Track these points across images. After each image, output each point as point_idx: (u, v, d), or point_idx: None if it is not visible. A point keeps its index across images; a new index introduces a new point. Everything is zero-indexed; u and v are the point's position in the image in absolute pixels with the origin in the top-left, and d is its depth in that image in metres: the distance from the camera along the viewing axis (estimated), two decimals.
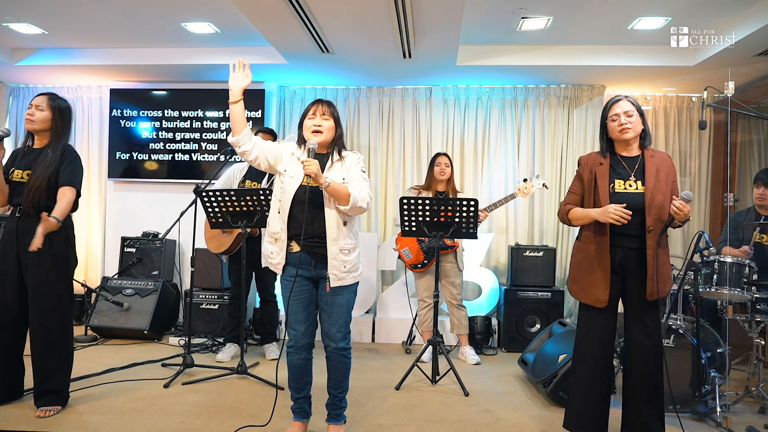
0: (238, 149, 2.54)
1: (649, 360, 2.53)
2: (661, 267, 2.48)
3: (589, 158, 2.66)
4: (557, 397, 3.19)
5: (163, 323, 4.83)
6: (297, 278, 2.53)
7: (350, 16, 3.75)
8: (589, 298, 2.54)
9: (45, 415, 2.85)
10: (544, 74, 5.01)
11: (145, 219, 5.49)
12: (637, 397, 2.55)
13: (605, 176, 2.54)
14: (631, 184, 2.51)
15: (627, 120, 2.50)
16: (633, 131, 2.52)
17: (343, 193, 2.44)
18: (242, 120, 2.53)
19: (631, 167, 2.55)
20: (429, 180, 4.34)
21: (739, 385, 3.52)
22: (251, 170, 4.14)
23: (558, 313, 4.61)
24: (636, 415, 2.56)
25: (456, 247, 4.23)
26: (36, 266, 2.84)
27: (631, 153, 2.57)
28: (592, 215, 2.50)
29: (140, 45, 4.91)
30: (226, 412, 3.02)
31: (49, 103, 2.91)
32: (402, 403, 3.26)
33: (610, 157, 2.59)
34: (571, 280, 2.66)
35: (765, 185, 3.68)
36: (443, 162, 4.27)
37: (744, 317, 3.30)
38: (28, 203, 2.81)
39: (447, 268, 4.25)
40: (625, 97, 2.56)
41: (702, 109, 3.32)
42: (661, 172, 2.50)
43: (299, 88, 5.53)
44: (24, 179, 2.85)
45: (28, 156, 2.91)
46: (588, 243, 2.57)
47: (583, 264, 2.58)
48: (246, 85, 2.54)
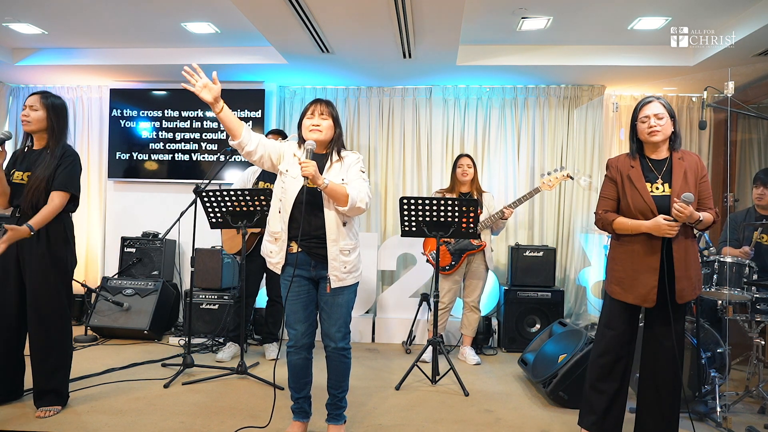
0: (242, 151, 2.53)
1: (670, 363, 2.51)
2: (690, 269, 2.47)
3: (618, 161, 2.62)
4: (557, 397, 3.19)
5: (163, 323, 4.83)
6: (297, 278, 2.53)
7: (350, 16, 3.75)
8: (638, 299, 2.48)
9: (45, 415, 2.85)
10: (544, 74, 5.01)
11: (145, 219, 5.50)
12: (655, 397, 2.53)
13: (641, 179, 2.50)
14: (658, 187, 2.49)
15: (657, 122, 2.47)
16: (662, 134, 2.49)
17: (341, 193, 2.44)
18: (236, 123, 2.50)
19: (658, 170, 2.52)
20: (452, 182, 4.34)
21: (739, 385, 3.52)
22: (265, 171, 4.13)
23: (558, 313, 4.61)
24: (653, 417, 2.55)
25: (483, 247, 4.20)
26: (35, 267, 2.83)
27: (660, 155, 2.55)
28: (643, 228, 2.45)
29: (140, 45, 4.91)
30: (226, 412, 3.02)
31: (42, 101, 2.88)
32: (402, 403, 3.26)
33: (639, 159, 2.56)
34: (614, 281, 2.56)
35: (764, 185, 3.68)
36: (465, 163, 4.26)
37: (744, 317, 3.30)
38: (27, 204, 2.80)
39: (474, 268, 4.24)
40: (657, 99, 2.52)
41: (702, 109, 3.33)
42: (689, 174, 2.48)
43: (299, 88, 5.54)
44: (24, 181, 2.84)
45: (29, 157, 2.90)
46: (632, 243, 2.51)
47: (627, 264, 2.52)
48: (218, 92, 2.44)
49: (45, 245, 2.82)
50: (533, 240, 5.27)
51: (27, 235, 2.70)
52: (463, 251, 4.19)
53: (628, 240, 2.53)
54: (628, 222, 2.51)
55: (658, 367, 2.54)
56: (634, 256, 2.50)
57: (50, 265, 2.85)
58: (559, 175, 4.19)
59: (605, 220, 2.60)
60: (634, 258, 2.50)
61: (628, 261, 2.52)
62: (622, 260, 2.55)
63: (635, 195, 2.50)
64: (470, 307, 4.27)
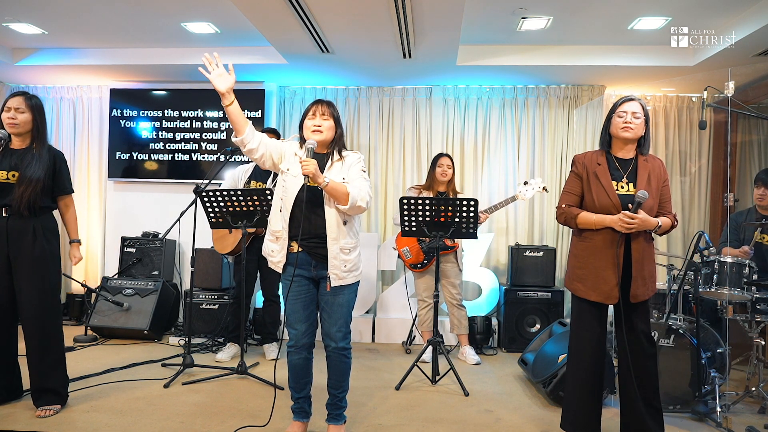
0: (243, 148, 2.54)
1: (640, 360, 2.54)
2: (645, 269, 2.51)
3: (585, 157, 2.65)
4: (557, 397, 3.19)
5: (163, 323, 4.83)
6: (297, 278, 2.53)
7: (350, 16, 3.74)
8: (600, 296, 2.51)
9: (45, 414, 2.85)
10: (544, 74, 5.01)
11: (145, 219, 5.50)
12: (634, 396, 2.55)
13: (606, 175, 2.54)
14: (623, 186, 2.53)
15: (632, 119, 2.51)
16: (634, 133, 2.52)
17: (341, 192, 2.44)
18: (242, 119, 2.52)
19: (624, 169, 2.57)
20: (430, 180, 4.32)
21: (739, 385, 3.52)
22: (256, 170, 4.14)
23: (558, 313, 4.61)
24: (634, 415, 2.57)
25: (456, 248, 4.23)
26: (27, 265, 2.85)
27: (626, 155, 2.59)
28: (607, 222, 2.47)
29: (140, 45, 4.91)
30: (226, 412, 3.02)
31: (27, 103, 2.91)
32: (402, 403, 3.26)
33: (606, 157, 2.60)
34: (576, 278, 2.59)
35: (765, 186, 3.67)
36: (445, 163, 4.26)
37: (744, 317, 3.30)
38: (23, 204, 2.81)
39: (447, 268, 4.24)
40: (638, 100, 2.56)
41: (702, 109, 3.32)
42: (652, 176, 2.53)
43: (299, 88, 5.54)
44: (10, 180, 2.83)
45: (10, 156, 2.88)
46: (593, 239, 2.54)
47: (589, 261, 2.54)
48: (233, 84, 2.49)
49: (40, 242, 2.85)
50: (533, 240, 5.27)
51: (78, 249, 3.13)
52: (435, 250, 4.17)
53: (588, 236, 2.56)
54: (592, 216, 2.53)
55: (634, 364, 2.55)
56: (595, 252, 2.53)
57: (44, 261, 2.88)
58: (535, 186, 4.18)
59: (569, 214, 2.61)
60: (596, 254, 2.52)
61: (588, 257, 2.55)
62: (583, 257, 2.57)
63: (600, 191, 2.53)
64: (454, 305, 4.27)
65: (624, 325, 2.54)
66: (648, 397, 2.54)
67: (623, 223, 2.41)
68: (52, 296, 2.92)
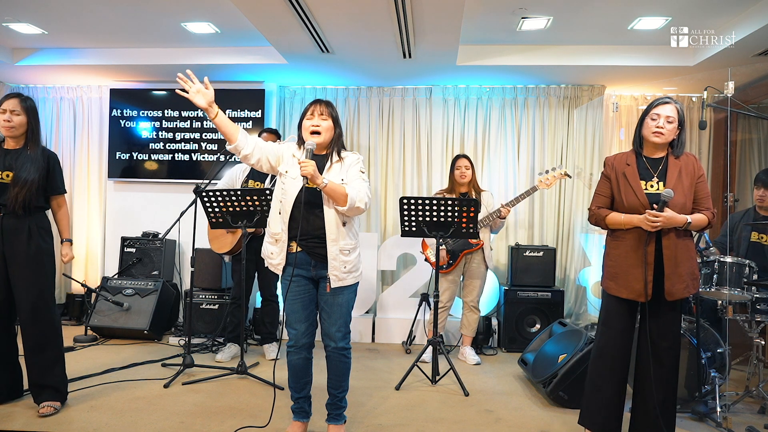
0: (238, 155, 2.53)
1: (664, 362, 2.52)
2: (680, 266, 2.48)
3: (615, 159, 2.65)
4: (557, 397, 3.19)
5: (163, 323, 4.83)
6: (297, 278, 2.53)
7: (350, 16, 3.74)
8: (631, 293, 2.50)
9: (47, 411, 2.86)
10: (544, 74, 5.01)
11: (145, 219, 5.50)
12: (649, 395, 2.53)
13: (635, 177, 2.53)
14: (653, 185, 2.52)
15: (665, 125, 2.49)
16: (664, 138, 2.50)
17: (340, 193, 2.44)
18: (231, 127, 2.49)
19: (654, 168, 2.55)
20: (451, 183, 4.33)
21: (739, 385, 3.52)
22: (254, 170, 4.14)
23: (558, 313, 4.61)
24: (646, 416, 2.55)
25: (481, 245, 4.20)
26: (22, 263, 2.87)
27: (657, 155, 2.57)
28: (635, 222, 2.48)
29: (140, 45, 4.91)
30: (226, 412, 3.02)
31: (22, 105, 2.93)
32: (402, 403, 3.26)
33: (636, 157, 2.59)
34: (609, 277, 2.59)
35: (765, 187, 3.67)
36: (463, 165, 4.25)
37: (744, 317, 3.30)
38: (18, 204, 2.84)
39: (473, 267, 4.24)
40: (675, 103, 2.53)
41: (702, 109, 3.33)
42: (684, 173, 2.50)
43: (299, 88, 5.53)
44: (5, 180, 2.86)
45: (4, 157, 2.91)
46: (624, 238, 2.54)
47: (621, 260, 2.54)
48: (212, 97, 2.44)
49: (34, 240, 2.89)
50: (533, 240, 5.27)
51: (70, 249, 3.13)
52: (460, 250, 4.19)
53: (620, 235, 2.57)
54: (620, 216, 2.55)
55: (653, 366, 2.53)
56: (626, 250, 2.53)
57: (39, 258, 2.91)
58: (556, 173, 4.20)
59: (599, 216, 2.64)
60: (627, 252, 2.53)
61: (620, 256, 2.55)
62: (615, 255, 2.58)
63: (629, 192, 2.53)
64: (470, 307, 4.27)
65: (652, 325, 2.53)
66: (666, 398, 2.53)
67: (648, 221, 2.41)
68: (48, 293, 2.96)
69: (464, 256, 4.22)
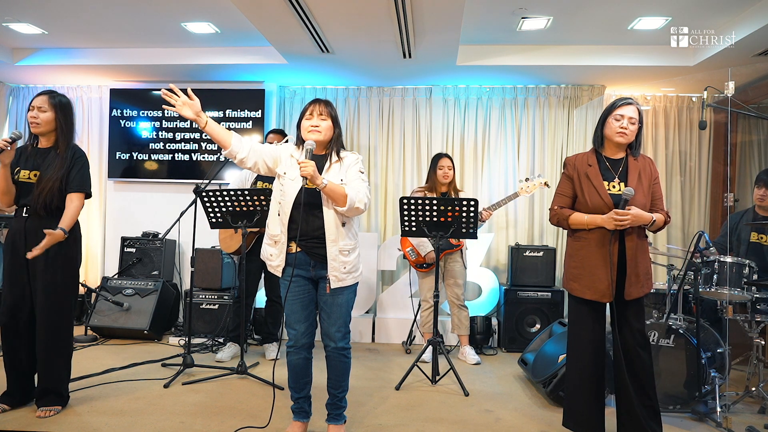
0: (234, 160, 2.52)
1: (636, 358, 2.54)
2: (639, 266, 2.52)
3: (576, 159, 2.68)
4: (557, 397, 3.19)
5: (163, 323, 4.83)
6: (296, 278, 2.53)
7: (350, 16, 3.75)
8: (595, 294, 2.53)
9: (45, 415, 2.84)
10: (544, 74, 5.01)
11: (145, 219, 5.49)
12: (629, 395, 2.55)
13: (598, 177, 2.56)
14: (614, 186, 2.56)
15: (629, 125, 2.53)
16: (627, 138, 2.55)
17: (340, 194, 2.43)
18: (224, 133, 2.48)
19: (615, 169, 2.59)
20: (432, 182, 4.29)
21: (739, 385, 3.52)
22: None
23: (558, 313, 4.61)
24: (629, 416, 2.57)
25: (461, 246, 4.22)
26: (45, 267, 2.80)
27: (617, 155, 2.61)
28: (598, 222, 2.51)
29: (140, 45, 4.91)
30: (226, 412, 3.02)
31: (50, 102, 2.87)
32: (402, 403, 3.26)
33: (597, 158, 2.62)
34: (571, 278, 2.62)
35: (766, 186, 3.67)
36: (446, 165, 4.23)
37: (744, 317, 3.30)
38: (39, 204, 2.79)
39: (453, 267, 4.24)
40: (636, 104, 2.57)
41: (702, 109, 3.32)
42: (643, 175, 2.56)
43: (299, 88, 5.54)
44: (31, 180, 2.82)
45: (35, 156, 2.88)
46: (587, 239, 2.57)
47: (584, 261, 2.57)
48: (198, 107, 2.42)
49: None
50: (533, 240, 5.27)
51: (62, 238, 2.76)
52: (441, 250, 4.17)
53: (583, 235, 2.60)
54: (584, 217, 2.58)
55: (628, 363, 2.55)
56: (588, 251, 2.55)
57: (60, 265, 2.84)
58: (536, 182, 4.22)
59: (561, 216, 2.66)
60: (590, 253, 2.55)
61: (585, 257, 2.57)
62: (578, 256, 2.60)
63: (592, 192, 2.55)
64: (458, 306, 4.27)
65: (618, 324, 2.55)
66: (644, 396, 2.54)
67: (614, 221, 2.44)
68: (64, 297, 2.87)
69: (444, 256, 4.23)
